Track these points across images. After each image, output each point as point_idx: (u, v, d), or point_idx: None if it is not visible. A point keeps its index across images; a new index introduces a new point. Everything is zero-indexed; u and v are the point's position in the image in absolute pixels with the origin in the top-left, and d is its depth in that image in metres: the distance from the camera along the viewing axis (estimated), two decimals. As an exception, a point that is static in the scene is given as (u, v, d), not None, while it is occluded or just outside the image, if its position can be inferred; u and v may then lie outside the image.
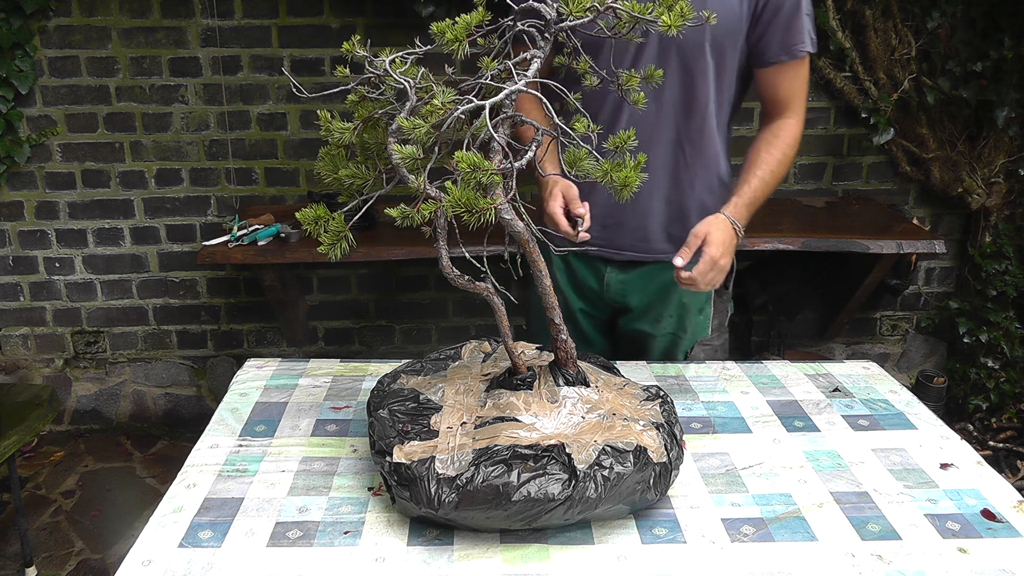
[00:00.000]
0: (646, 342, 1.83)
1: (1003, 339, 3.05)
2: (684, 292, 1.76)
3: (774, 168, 1.64)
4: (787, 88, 1.66)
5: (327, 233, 1.11)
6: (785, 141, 1.66)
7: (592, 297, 1.82)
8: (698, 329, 1.82)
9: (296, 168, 3.06)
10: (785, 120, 1.68)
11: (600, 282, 1.79)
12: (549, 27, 1.13)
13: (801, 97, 1.68)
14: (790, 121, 1.68)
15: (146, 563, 1.07)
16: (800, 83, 1.67)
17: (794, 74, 1.64)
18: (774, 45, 1.60)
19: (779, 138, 1.66)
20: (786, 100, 1.67)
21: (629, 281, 1.78)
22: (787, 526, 1.17)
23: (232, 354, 3.27)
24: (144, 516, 1.53)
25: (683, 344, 1.83)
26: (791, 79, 1.65)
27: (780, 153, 1.65)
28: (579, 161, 1.09)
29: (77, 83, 2.92)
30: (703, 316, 1.81)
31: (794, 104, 1.68)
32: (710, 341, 1.85)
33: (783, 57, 1.61)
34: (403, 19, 2.86)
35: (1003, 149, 3.00)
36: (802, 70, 1.65)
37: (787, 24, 1.58)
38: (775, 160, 1.64)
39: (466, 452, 1.11)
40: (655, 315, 1.80)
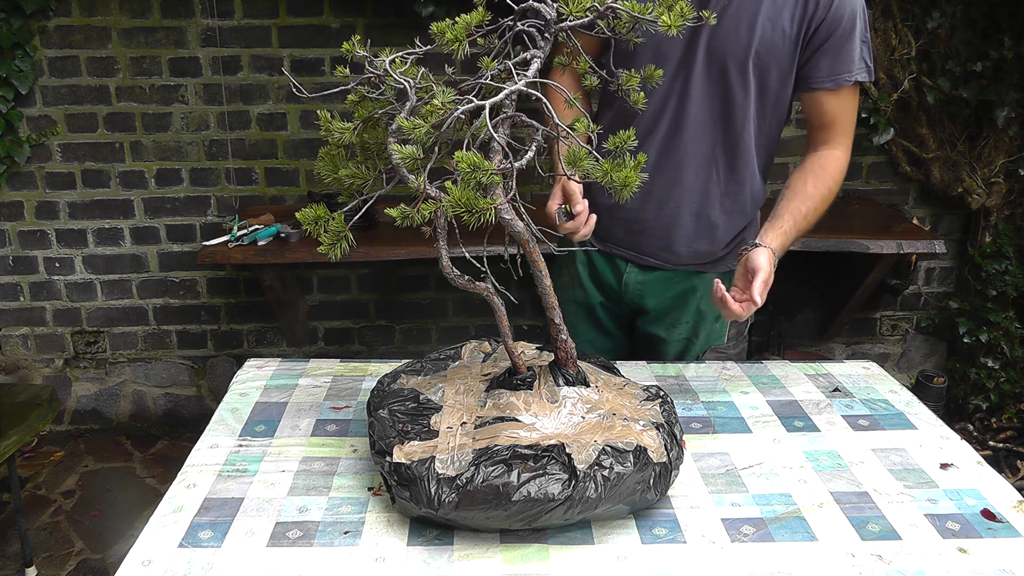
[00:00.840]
0: (660, 347, 1.82)
1: (1003, 339, 3.05)
2: (702, 300, 1.75)
3: (817, 205, 1.58)
4: (832, 116, 1.59)
5: (327, 233, 1.11)
6: (831, 176, 1.60)
7: (611, 293, 1.82)
8: (712, 336, 1.80)
9: (296, 168, 3.06)
10: (831, 151, 1.61)
11: (619, 281, 1.79)
12: (549, 27, 1.13)
13: (848, 127, 1.61)
14: (836, 153, 1.61)
15: (146, 563, 1.07)
16: (847, 112, 1.60)
17: (840, 103, 1.58)
18: (821, 70, 1.54)
19: (826, 171, 1.60)
20: (831, 128, 1.60)
21: (648, 283, 1.77)
22: (787, 526, 1.17)
23: (232, 354, 3.27)
24: (144, 516, 1.53)
25: (695, 350, 1.81)
26: (837, 107, 1.58)
27: (826, 188, 1.59)
28: (579, 161, 1.09)
29: (77, 83, 2.92)
30: (719, 324, 1.79)
31: (840, 134, 1.61)
32: (725, 349, 1.82)
33: (827, 84, 1.55)
34: (403, 19, 2.87)
35: (1003, 149, 3.00)
36: (850, 99, 1.58)
37: (837, 50, 1.52)
38: (819, 196, 1.58)
39: (466, 452, 1.11)
40: (671, 320, 1.79)
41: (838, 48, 1.52)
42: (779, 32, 1.51)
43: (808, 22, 1.51)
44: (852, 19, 1.50)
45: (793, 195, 1.58)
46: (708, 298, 1.73)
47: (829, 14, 1.49)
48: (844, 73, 1.54)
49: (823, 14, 1.49)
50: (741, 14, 1.50)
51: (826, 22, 1.50)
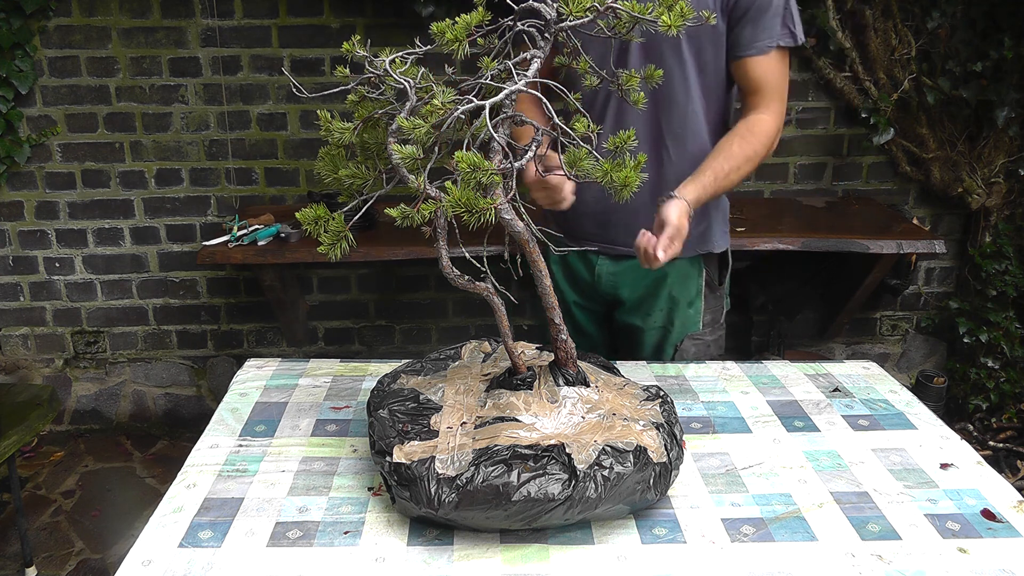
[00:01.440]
0: (638, 336, 1.86)
1: (1003, 339, 3.05)
2: (673, 286, 1.79)
3: (740, 164, 1.61)
4: (759, 82, 1.63)
5: (327, 233, 1.11)
6: (758, 138, 1.62)
7: (586, 289, 1.85)
8: (688, 323, 1.83)
9: (296, 168, 3.06)
10: (759, 115, 1.64)
11: (592, 274, 1.82)
12: (549, 27, 1.13)
13: (775, 92, 1.65)
14: (764, 117, 1.64)
15: (146, 563, 1.07)
16: (773, 78, 1.64)
17: (766, 68, 1.62)
18: (745, 38, 1.59)
19: (752, 134, 1.63)
20: (759, 94, 1.64)
21: (620, 273, 1.80)
22: (787, 526, 1.17)
23: (232, 354, 3.27)
24: (144, 516, 1.53)
25: (672, 338, 1.84)
26: (763, 73, 1.62)
27: (751, 150, 1.62)
28: (579, 161, 1.09)
29: (77, 83, 2.92)
30: (693, 310, 1.82)
31: (768, 99, 1.64)
32: (702, 336, 1.84)
33: (751, 52, 1.60)
34: (403, 19, 2.87)
35: (1003, 149, 3.00)
36: (774, 65, 1.62)
37: (758, 19, 1.57)
38: (744, 155, 1.61)
39: (466, 452, 1.11)
40: (646, 308, 1.82)
41: (759, 17, 1.57)
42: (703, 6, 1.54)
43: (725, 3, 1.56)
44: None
45: (718, 153, 1.61)
46: (679, 284, 1.78)
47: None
48: (766, 40, 1.58)
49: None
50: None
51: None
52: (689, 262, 1.78)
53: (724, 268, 1.86)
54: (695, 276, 1.80)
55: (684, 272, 1.79)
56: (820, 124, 3.09)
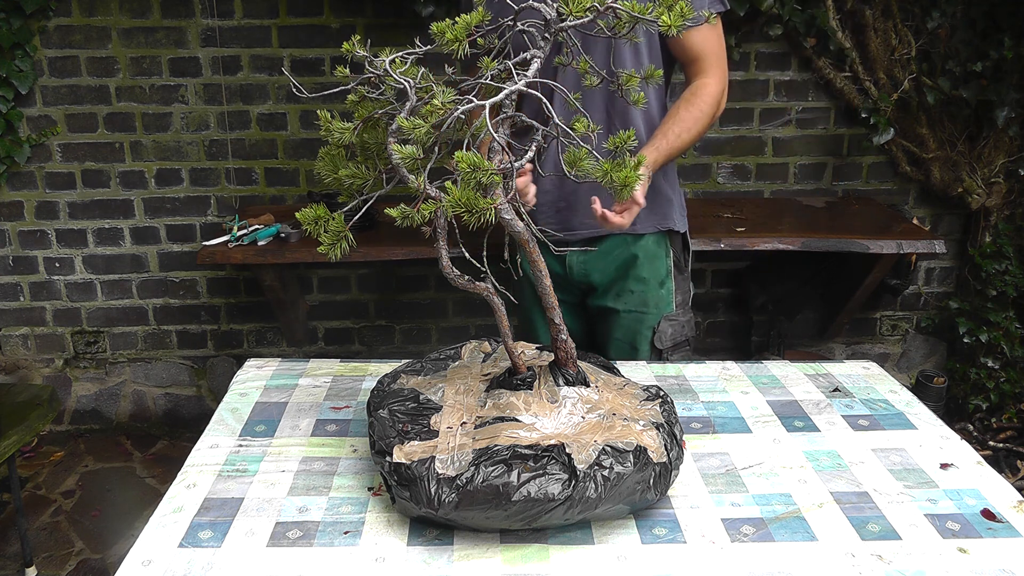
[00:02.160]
0: (614, 319, 1.92)
1: (1003, 339, 3.05)
2: (641, 266, 1.86)
3: (689, 126, 1.71)
4: (697, 50, 1.73)
5: (327, 233, 1.11)
6: (703, 99, 1.72)
7: (559, 282, 1.87)
8: (662, 303, 1.90)
9: (296, 168, 3.06)
10: (702, 80, 1.74)
11: (563, 265, 1.89)
12: (549, 27, 1.13)
13: (715, 57, 1.75)
14: (707, 80, 1.74)
15: (146, 563, 1.07)
16: (711, 44, 1.73)
17: (702, 37, 1.71)
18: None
19: (697, 95, 1.73)
20: (700, 61, 1.74)
21: (590, 260, 1.87)
22: (787, 526, 1.17)
23: (232, 354, 3.27)
24: (144, 516, 1.53)
25: (648, 320, 1.90)
26: (700, 42, 1.72)
27: (698, 111, 1.72)
28: (579, 161, 1.09)
29: (77, 83, 2.92)
30: (665, 290, 1.89)
31: (707, 63, 1.74)
32: (676, 317, 1.92)
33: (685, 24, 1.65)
34: (403, 19, 2.87)
35: (1003, 149, 3.00)
36: (710, 31, 1.71)
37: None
38: (692, 118, 1.71)
39: (466, 452, 1.11)
40: (617, 290, 1.89)
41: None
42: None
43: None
44: None
45: (667, 119, 1.73)
46: (648, 264, 1.86)
47: None
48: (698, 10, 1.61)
49: None
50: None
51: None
52: (655, 241, 1.86)
53: (686, 251, 1.94)
54: (662, 256, 1.88)
55: (652, 252, 1.87)
56: (820, 124, 3.09)
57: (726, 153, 3.11)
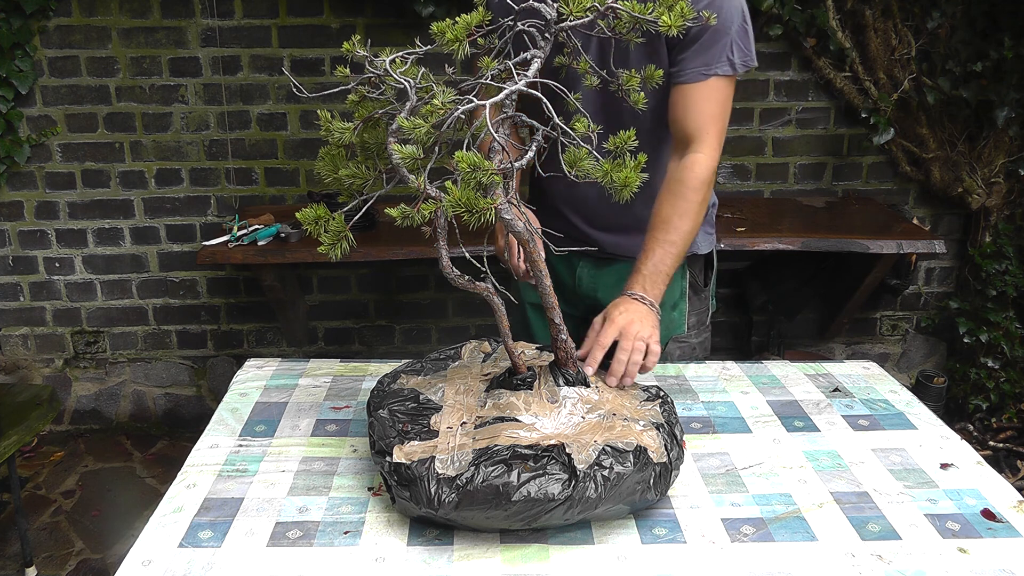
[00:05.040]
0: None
1: (1003, 339, 3.05)
2: None
3: (678, 226, 1.48)
4: (695, 114, 1.50)
5: (327, 233, 1.11)
6: (690, 186, 1.49)
7: (567, 293, 1.81)
8: (672, 326, 1.79)
9: (296, 168, 3.06)
10: (693, 155, 1.50)
11: (573, 277, 1.81)
12: (549, 27, 1.13)
13: (713, 126, 1.51)
14: (698, 156, 1.50)
15: (146, 563, 1.07)
16: (712, 108, 1.51)
17: (702, 96, 1.49)
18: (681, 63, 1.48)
19: (683, 183, 1.49)
20: (694, 128, 1.50)
21: (600, 276, 1.78)
22: (787, 526, 1.17)
23: (232, 354, 3.27)
24: (144, 516, 1.53)
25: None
26: (698, 101, 1.49)
27: (685, 204, 1.49)
28: (579, 161, 1.09)
29: (77, 83, 2.92)
30: (677, 312, 1.79)
31: (703, 133, 1.50)
32: (687, 339, 1.82)
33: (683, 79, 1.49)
34: (403, 19, 2.86)
35: (1003, 149, 3.00)
36: (710, 92, 1.50)
37: (697, 45, 1.47)
38: (679, 213, 1.48)
39: (466, 452, 1.11)
40: None
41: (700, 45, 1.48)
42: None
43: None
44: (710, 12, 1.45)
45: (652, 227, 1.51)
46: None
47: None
48: (701, 67, 1.49)
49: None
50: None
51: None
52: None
53: (709, 269, 1.83)
54: (678, 278, 1.75)
55: None
56: (820, 124, 3.08)
57: (726, 153, 3.10)
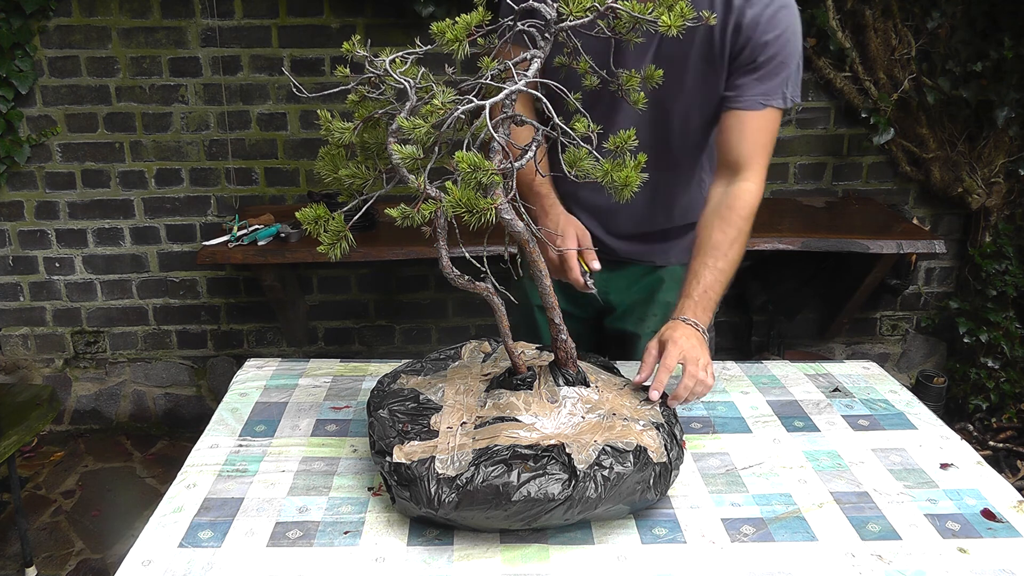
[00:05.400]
0: (632, 342, 1.80)
1: (1003, 339, 3.05)
2: (668, 291, 1.72)
3: (727, 252, 1.47)
4: (749, 142, 1.49)
5: (327, 233, 1.11)
6: (740, 214, 1.49)
7: (576, 295, 1.81)
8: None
9: (296, 168, 3.06)
10: (742, 184, 1.50)
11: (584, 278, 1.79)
12: (549, 27, 1.13)
13: (763, 156, 1.52)
14: (748, 185, 1.50)
15: (146, 563, 1.07)
16: (764, 139, 1.51)
17: (757, 126, 1.49)
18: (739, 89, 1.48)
19: (733, 210, 1.49)
20: (746, 156, 1.50)
21: (613, 280, 1.76)
22: (787, 526, 1.17)
23: (232, 354, 3.27)
24: (144, 516, 1.53)
25: None
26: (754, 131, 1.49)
27: (735, 231, 1.48)
28: (579, 161, 1.09)
29: (77, 83, 2.92)
30: None
31: (753, 162, 1.50)
32: None
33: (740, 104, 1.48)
34: (403, 19, 2.86)
35: (1003, 149, 3.00)
36: (767, 124, 1.50)
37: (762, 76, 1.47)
38: (729, 240, 1.48)
39: (466, 452, 1.11)
40: (639, 314, 1.77)
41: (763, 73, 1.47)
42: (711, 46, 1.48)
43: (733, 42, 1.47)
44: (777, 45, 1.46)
45: (700, 251, 1.50)
46: (674, 290, 1.68)
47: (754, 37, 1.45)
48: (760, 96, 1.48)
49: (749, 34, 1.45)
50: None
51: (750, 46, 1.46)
52: (684, 268, 1.76)
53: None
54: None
55: (679, 278, 1.74)
56: (820, 124, 3.08)
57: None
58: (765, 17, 1.44)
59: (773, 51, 1.46)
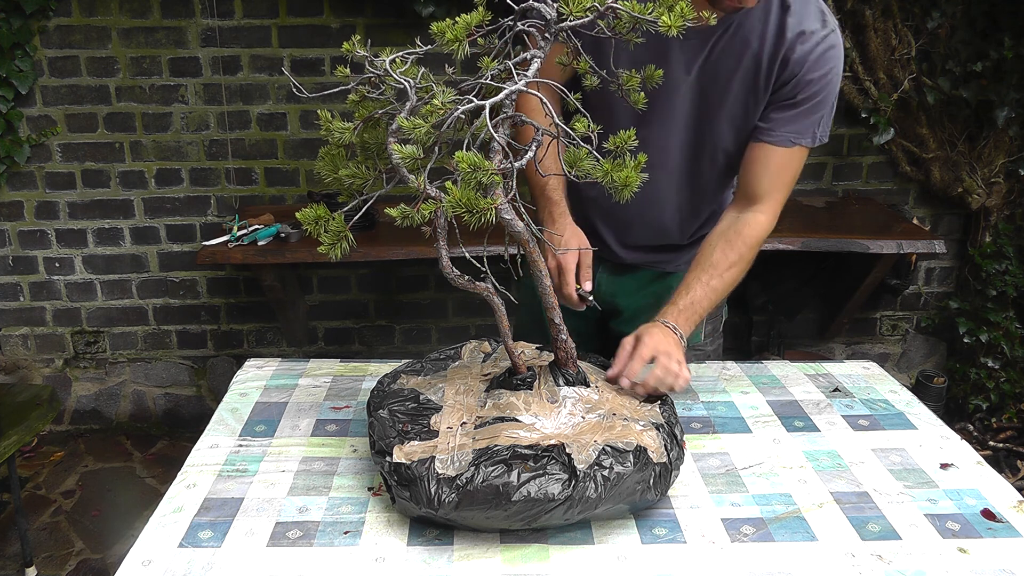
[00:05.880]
0: None
1: (1003, 339, 3.05)
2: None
3: (723, 273, 1.49)
4: (771, 177, 1.50)
5: (327, 233, 1.11)
6: (746, 242, 1.51)
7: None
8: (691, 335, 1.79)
9: (296, 168, 3.06)
10: (755, 214, 1.52)
11: (592, 280, 1.77)
12: (550, 27, 1.13)
13: (782, 192, 1.53)
14: (760, 217, 1.52)
15: (146, 563, 1.07)
16: (786, 177, 1.52)
17: (783, 163, 1.49)
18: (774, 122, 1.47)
19: (741, 236, 1.51)
20: (766, 190, 1.51)
21: (620, 283, 1.76)
22: (787, 526, 1.17)
23: (232, 354, 3.27)
24: (144, 516, 1.53)
25: None
26: (778, 165, 1.49)
27: (736, 255, 1.50)
28: (579, 161, 1.09)
29: (77, 83, 2.92)
30: None
31: (771, 197, 1.52)
32: (702, 347, 1.80)
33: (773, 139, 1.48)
34: (403, 19, 2.86)
35: (1003, 149, 3.00)
36: (790, 160, 1.50)
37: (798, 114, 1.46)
38: (728, 263, 1.50)
39: (466, 452, 1.11)
40: (646, 319, 1.75)
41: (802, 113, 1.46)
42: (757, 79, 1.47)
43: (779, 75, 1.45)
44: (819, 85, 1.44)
45: (697, 265, 1.52)
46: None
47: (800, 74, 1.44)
48: (792, 135, 1.47)
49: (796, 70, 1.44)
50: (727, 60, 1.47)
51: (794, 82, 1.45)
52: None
53: None
54: None
55: None
56: (820, 124, 3.08)
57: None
58: (815, 55, 1.42)
59: (815, 90, 1.45)
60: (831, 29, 1.43)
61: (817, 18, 1.43)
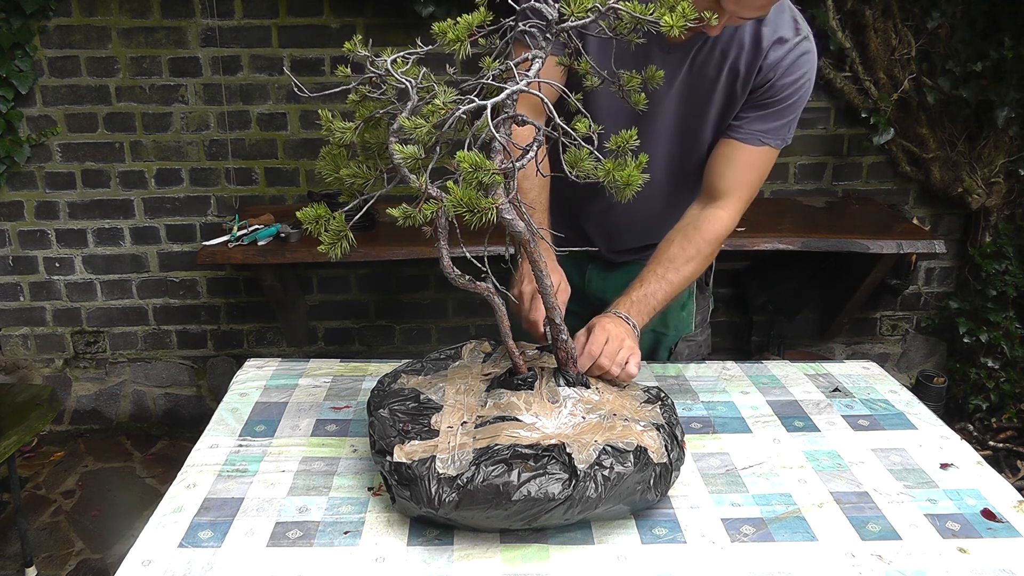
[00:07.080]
0: None
1: (1003, 339, 3.05)
2: None
3: (680, 267, 1.50)
4: (735, 174, 1.52)
5: (327, 233, 1.11)
6: (704, 237, 1.52)
7: (574, 293, 1.81)
8: (681, 325, 1.82)
9: (296, 168, 3.06)
10: (717, 210, 1.53)
11: (582, 277, 1.80)
12: (551, 27, 1.13)
13: (746, 191, 1.54)
14: (721, 213, 1.53)
15: (146, 563, 1.07)
16: (751, 176, 1.53)
17: (749, 161, 1.51)
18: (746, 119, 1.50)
19: (700, 231, 1.52)
20: (729, 186, 1.52)
21: (609, 279, 1.78)
22: (787, 526, 1.17)
23: (232, 354, 3.27)
24: (144, 516, 1.53)
25: (667, 341, 1.83)
26: (743, 165, 1.51)
27: (694, 250, 1.51)
28: (580, 162, 1.09)
29: (77, 83, 2.92)
30: (686, 312, 1.82)
31: (734, 194, 1.53)
32: (694, 336, 1.85)
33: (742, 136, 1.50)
34: (403, 19, 2.86)
35: (1003, 149, 3.00)
36: (759, 162, 1.52)
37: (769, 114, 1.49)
38: (686, 257, 1.51)
39: (466, 452, 1.11)
40: None
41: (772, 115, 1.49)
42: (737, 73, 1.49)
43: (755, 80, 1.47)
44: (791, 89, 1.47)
45: (655, 259, 1.53)
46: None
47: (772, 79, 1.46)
48: (761, 133, 1.49)
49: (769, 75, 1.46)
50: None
51: (766, 86, 1.47)
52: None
53: (709, 269, 1.83)
54: None
55: None
56: (820, 124, 3.09)
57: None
58: (787, 61, 1.45)
59: (786, 94, 1.48)
60: (803, 36, 1.47)
61: (790, 26, 1.46)
